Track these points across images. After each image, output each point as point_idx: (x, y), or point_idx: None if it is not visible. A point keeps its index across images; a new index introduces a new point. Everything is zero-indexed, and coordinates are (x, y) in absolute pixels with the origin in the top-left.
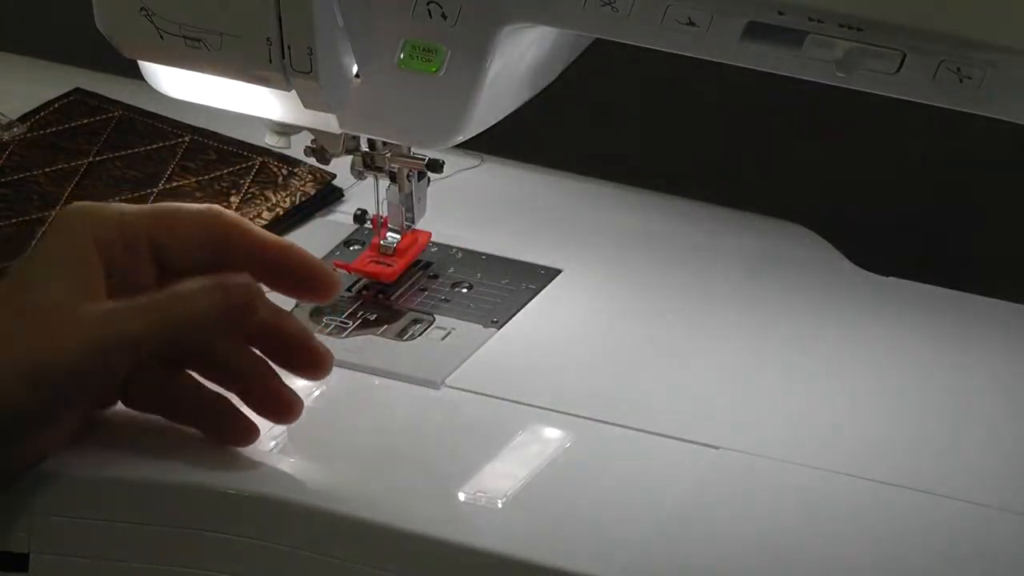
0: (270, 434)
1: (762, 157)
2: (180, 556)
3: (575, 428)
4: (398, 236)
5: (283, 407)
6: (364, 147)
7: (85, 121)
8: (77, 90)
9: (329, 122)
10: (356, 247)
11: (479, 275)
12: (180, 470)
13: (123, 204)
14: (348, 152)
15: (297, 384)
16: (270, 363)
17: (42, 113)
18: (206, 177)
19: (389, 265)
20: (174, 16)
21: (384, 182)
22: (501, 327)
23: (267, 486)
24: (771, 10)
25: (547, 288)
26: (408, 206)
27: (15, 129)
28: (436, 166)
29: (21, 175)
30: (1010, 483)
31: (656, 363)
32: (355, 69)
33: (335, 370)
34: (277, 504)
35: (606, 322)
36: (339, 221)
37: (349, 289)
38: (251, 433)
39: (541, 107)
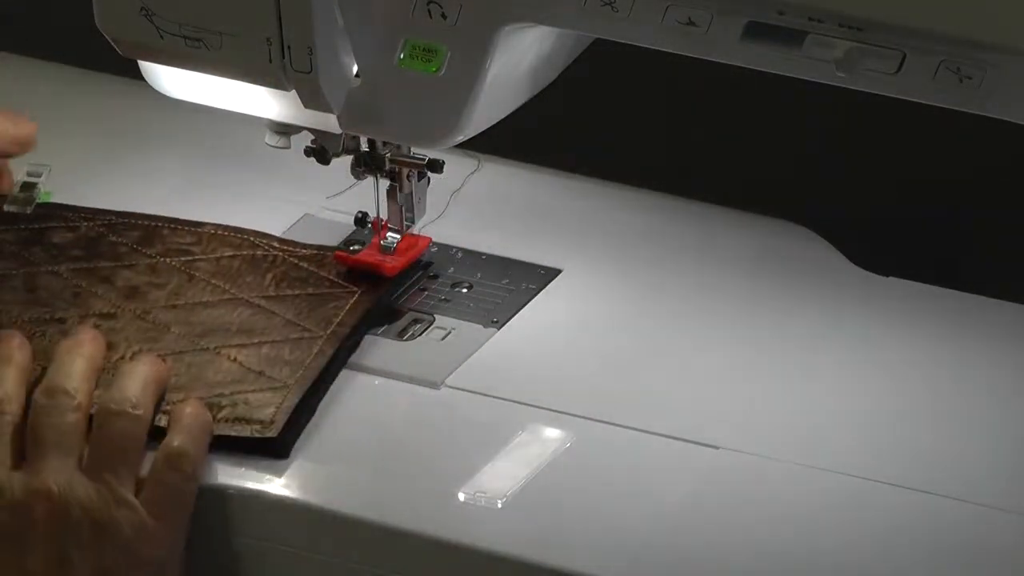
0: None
1: (762, 157)
2: None
3: (575, 428)
4: (398, 236)
5: None
6: (364, 147)
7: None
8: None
9: (329, 122)
10: (356, 247)
11: (479, 275)
12: None
13: None
14: (348, 152)
15: None
16: None
17: None
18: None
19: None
20: (174, 16)
21: (384, 182)
22: (501, 327)
23: (267, 486)
24: (771, 10)
25: (547, 288)
26: (408, 206)
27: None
28: (436, 166)
29: None
30: (1010, 483)
31: (656, 363)
32: (355, 69)
33: None
34: (277, 504)
35: (606, 322)
36: (339, 221)
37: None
38: None
39: (541, 107)
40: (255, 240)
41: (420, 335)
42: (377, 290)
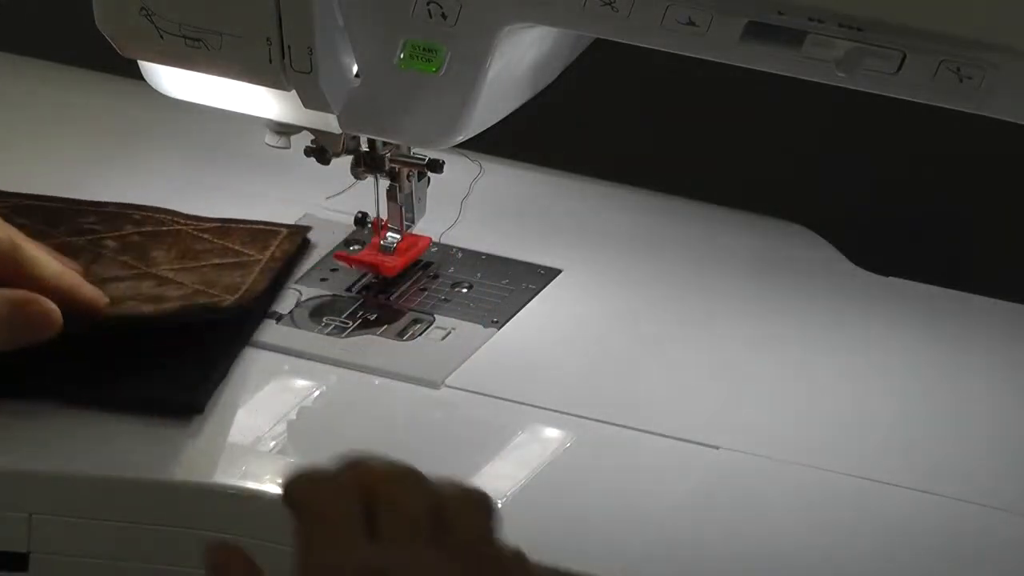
0: (270, 434)
1: (762, 157)
2: (180, 556)
3: (575, 428)
4: (398, 236)
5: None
6: (364, 147)
7: None
8: None
9: (329, 122)
10: (356, 247)
11: (479, 275)
12: (181, 470)
13: None
14: (348, 152)
15: (296, 384)
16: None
17: None
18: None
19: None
20: (174, 16)
21: (384, 182)
22: (501, 327)
23: (267, 486)
24: (771, 10)
25: (547, 288)
26: (408, 206)
27: None
28: (436, 166)
29: None
30: (1010, 483)
31: (656, 363)
32: (355, 69)
33: (335, 370)
34: (277, 504)
35: (606, 322)
36: (340, 222)
37: (349, 289)
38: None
39: (541, 107)
40: (158, 216)
41: (420, 335)
42: (275, 262)
